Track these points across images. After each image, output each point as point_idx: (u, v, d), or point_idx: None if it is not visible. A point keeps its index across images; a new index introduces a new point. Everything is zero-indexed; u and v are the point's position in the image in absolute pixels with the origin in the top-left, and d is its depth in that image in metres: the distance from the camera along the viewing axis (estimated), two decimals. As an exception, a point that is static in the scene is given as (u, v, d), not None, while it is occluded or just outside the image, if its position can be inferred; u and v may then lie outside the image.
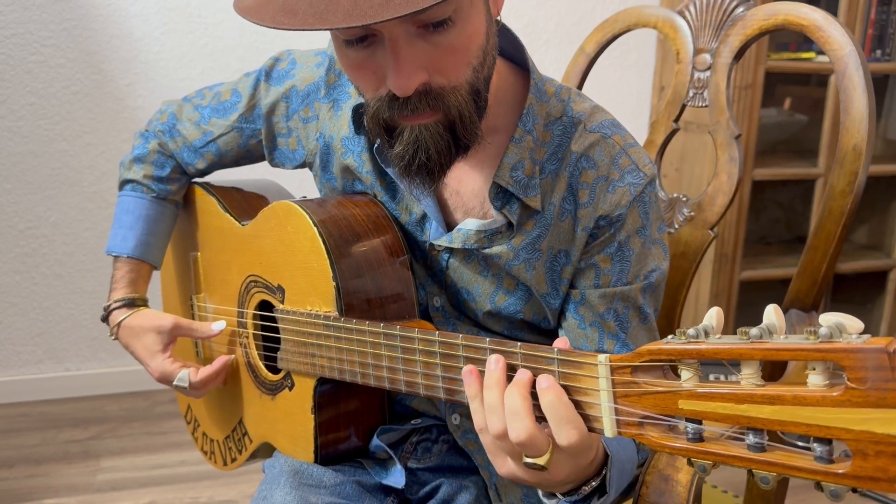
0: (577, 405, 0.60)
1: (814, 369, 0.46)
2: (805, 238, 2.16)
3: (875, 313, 2.62)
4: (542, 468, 0.61)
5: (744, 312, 2.42)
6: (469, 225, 0.85)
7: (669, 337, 0.54)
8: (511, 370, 0.64)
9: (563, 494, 0.69)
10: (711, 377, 0.52)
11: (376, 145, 0.86)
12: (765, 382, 0.49)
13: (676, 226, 1.11)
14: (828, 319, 0.46)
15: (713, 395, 0.51)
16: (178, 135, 1.04)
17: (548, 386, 0.60)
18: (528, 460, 0.62)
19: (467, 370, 0.66)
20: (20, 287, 2.27)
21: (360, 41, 0.70)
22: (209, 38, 2.21)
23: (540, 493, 0.72)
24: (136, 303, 1.03)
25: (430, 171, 0.76)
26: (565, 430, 0.60)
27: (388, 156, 0.78)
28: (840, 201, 0.96)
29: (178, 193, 1.09)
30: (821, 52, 2.21)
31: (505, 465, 0.66)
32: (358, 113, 0.87)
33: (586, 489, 0.68)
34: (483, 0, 0.73)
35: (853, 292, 2.65)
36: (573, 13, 2.45)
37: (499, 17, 0.78)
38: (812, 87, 2.54)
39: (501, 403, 0.62)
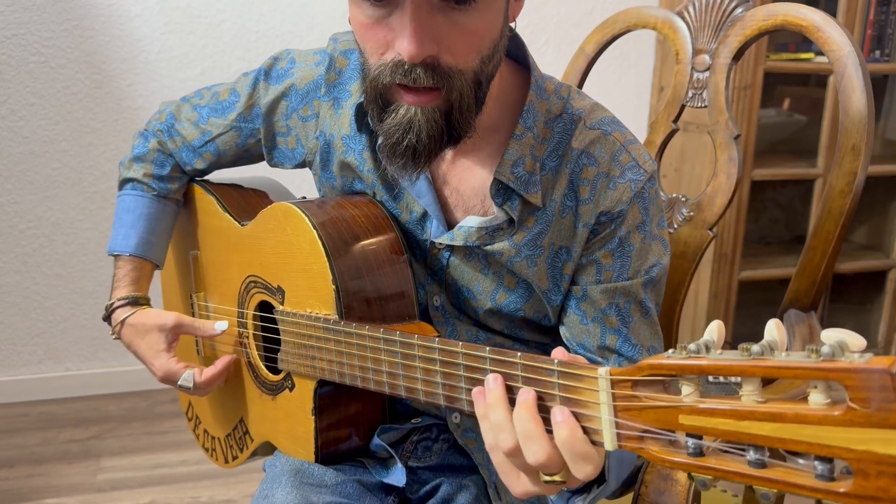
0: (577, 418, 0.59)
1: (815, 387, 0.46)
2: (804, 238, 2.16)
3: (874, 313, 2.62)
4: (561, 483, 0.61)
5: (743, 313, 2.42)
6: (470, 222, 0.85)
7: (670, 351, 0.53)
8: (511, 392, 0.63)
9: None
10: (710, 377, 0.52)
11: (378, 143, 0.86)
12: (766, 399, 0.49)
13: (676, 226, 1.11)
14: (830, 337, 0.45)
15: (714, 411, 0.50)
16: (177, 134, 1.04)
17: (563, 420, 0.58)
18: (547, 478, 0.61)
19: (476, 392, 0.65)
20: (21, 287, 2.27)
21: None
22: (209, 38, 2.22)
23: None
24: (139, 301, 1.02)
25: (417, 155, 0.75)
26: (581, 466, 0.59)
27: (377, 130, 0.78)
28: (839, 201, 0.96)
29: (179, 192, 1.09)
30: (820, 53, 2.21)
31: (519, 483, 0.64)
32: (360, 111, 0.87)
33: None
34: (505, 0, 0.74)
35: (852, 292, 2.65)
36: (573, 14, 2.45)
37: (513, 24, 0.79)
38: (811, 87, 2.54)
39: (508, 420, 0.61)
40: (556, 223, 0.84)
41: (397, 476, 0.88)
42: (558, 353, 0.63)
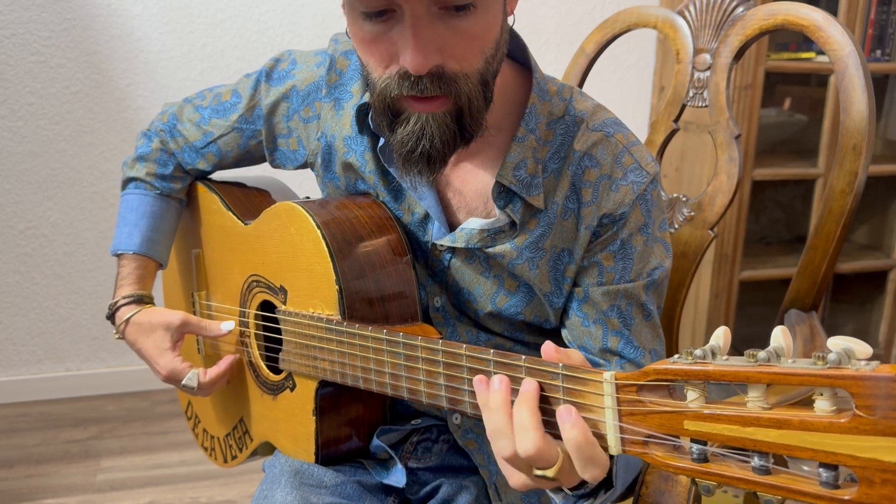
0: None
1: (821, 395, 0.46)
2: (805, 238, 2.16)
3: (875, 313, 2.62)
4: (551, 479, 0.61)
5: (744, 313, 2.42)
6: (472, 224, 0.85)
7: (676, 356, 0.53)
8: (515, 383, 0.63)
9: (570, 489, 0.69)
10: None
11: (380, 145, 0.86)
12: (771, 405, 0.49)
13: (676, 226, 1.11)
14: (836, 344, 0.45)
15: (719, 417, 0.50)
16: (179, 135, 1.04)
17: (574, 422, 0.58)
18: (538, 472, 0.61)
19: (478, 380, 0.65)
20: (20, 287, 2.26)
21: (378, 15, 0.70)
22: (209, 38, 2.21)
23: (547, 490, 0.72)
24: (143, 299, 1.02)
25: (432, 160, 0.76)
26: (590, 469, 0.59)
27: (389, 140, 0.78)
28: (840, 201, 0.96)
29: (182, 191, 1.08)
30: (821, 52, 2.21)
31: (515, 476, 0.64)
32: (362, 112, 0.87)
33: (592, 483, 0.67)
34: None
35: (853, 292, 2.65)
36: (573, 13, 2.45)
37: (512, 17, 0.79)
38: (812, 87, 2.54)
39: (509, 425, 0.61)
40: (558, 225, 0.84)
41: (397, 477, 0.88)
42: (549, 348, 0.63)
